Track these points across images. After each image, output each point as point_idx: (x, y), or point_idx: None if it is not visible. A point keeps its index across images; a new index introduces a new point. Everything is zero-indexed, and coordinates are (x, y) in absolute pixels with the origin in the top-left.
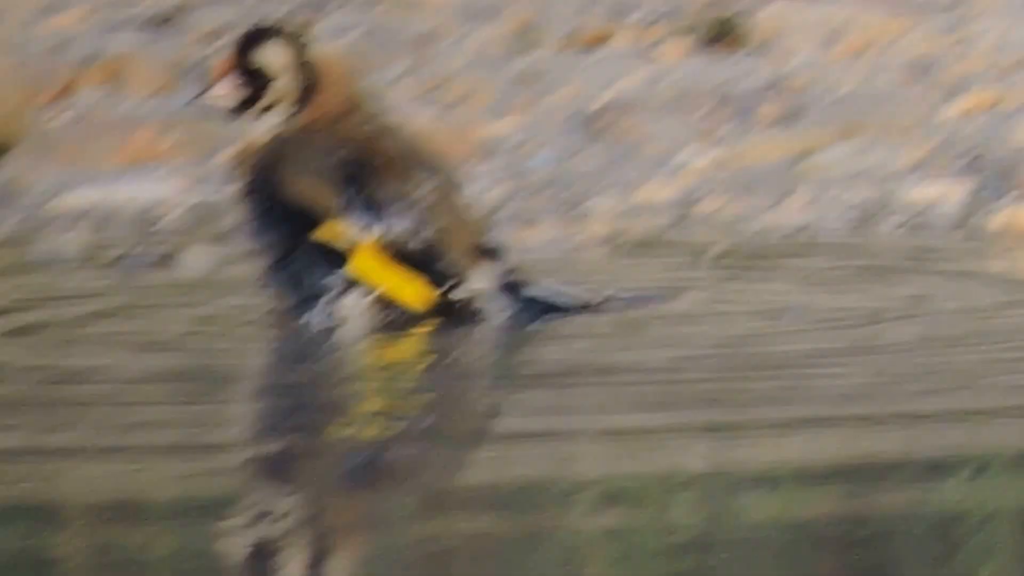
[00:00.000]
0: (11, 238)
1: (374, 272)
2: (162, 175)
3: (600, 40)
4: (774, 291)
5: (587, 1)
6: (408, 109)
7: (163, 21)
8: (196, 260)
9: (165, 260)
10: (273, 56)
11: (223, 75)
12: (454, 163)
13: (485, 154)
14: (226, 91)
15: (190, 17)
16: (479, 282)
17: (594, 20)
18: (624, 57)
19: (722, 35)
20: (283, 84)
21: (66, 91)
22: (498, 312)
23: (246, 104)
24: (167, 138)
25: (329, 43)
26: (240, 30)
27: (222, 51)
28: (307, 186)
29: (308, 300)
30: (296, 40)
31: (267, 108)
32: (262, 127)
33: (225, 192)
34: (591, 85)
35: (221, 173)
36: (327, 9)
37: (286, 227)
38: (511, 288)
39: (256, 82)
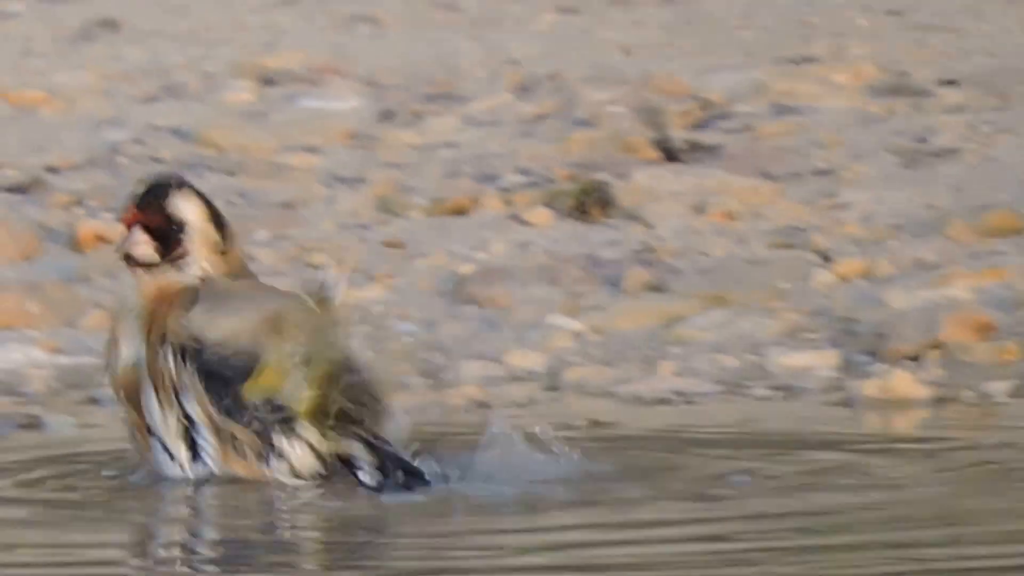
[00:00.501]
0: None
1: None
2: (26, 340)
3: (467, 207)
4: None
5: (453, 167)
6: (274, 275)
7: (26, 187)
8: (63, 424)
9: (30, 425)
10: (187, 204)
11: (132, 225)
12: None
13: (351, 321)
14: (141, 241)
15: (54, 183)
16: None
17: (460, 186)
18: (491, 223)
19: (590, 202)
20: (198, 234)
21: None
22: (369, 475)
23: (164, 253)
24: (31, 303)
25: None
26: (109, 195)
27: (90, 215)
28: (251, 334)
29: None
30: (202, 192)
31: (182, 257)
32: (180, 274)
33: (91, 356)
34: (458, 251)
35: (87, 337)
36: (190, 174)
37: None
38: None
39: (170, 232)
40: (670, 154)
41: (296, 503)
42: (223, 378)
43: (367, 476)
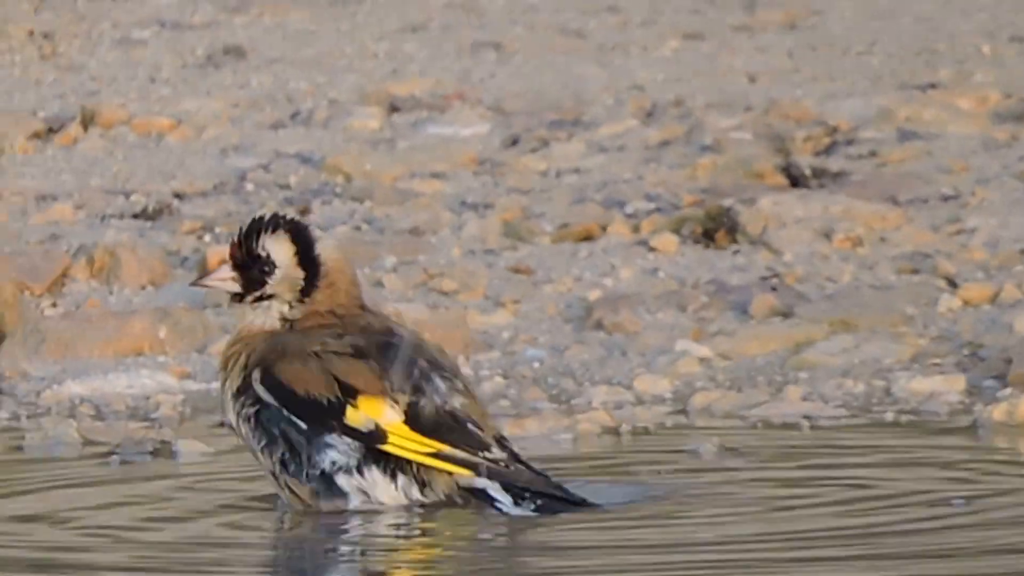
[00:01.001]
0: (5, 428)
1: (414, 446)
2: (156, 366)
3: (594, 232)
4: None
5: (579, 193)
6: (402, 301)
7: (155, 213)
8: (191, 450)
9: (160, 451)
10: (276, 246)
11: (223, 262)
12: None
13: (479, 346)
14: (225, 276)
15: (181, 209)
16: (499, 453)
17: (587, 212)
18: (618, 249)
19: (717, 228)
20: (283, 275)
21: (59, 282)
22: (501, 497)
23: (247, 292)
24: (160, 329)
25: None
26: (237, 221)
27: (218, 241)
28: (336, 374)
29: (325, 482)
30: (301, 232)
31: (267, 297)
32: (261, 316)
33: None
34: (585, 277)
35: (216, 363)
36: (319, 201)
37: (306, 413)
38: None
39: (255, 270)
40: (796, 180)
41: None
42: (276, 434)
43: (502, 504)
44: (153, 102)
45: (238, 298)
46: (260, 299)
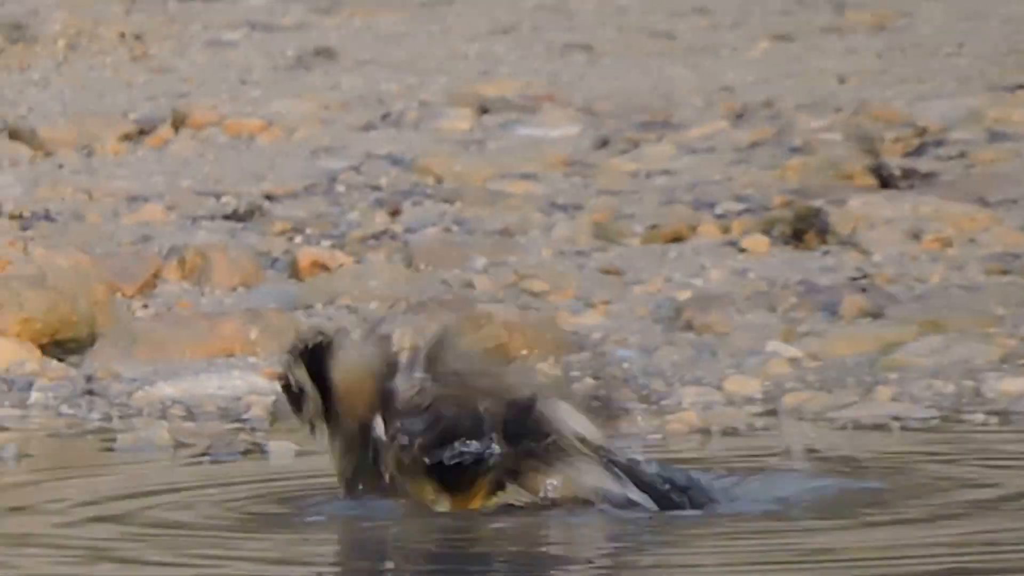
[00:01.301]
0: (97, 429)
1: None
2: (247, 367)
3: (684, 233)
4: None
5: (669, 194)
6: (492, 303)
7: (245, 215)
8: (283, 451)
9: (252, 451)
10: (299, 372)
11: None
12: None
13: (569, 347)
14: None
15: (272, 211)
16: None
17: (677, 213)
18: (708, 250)
19: (807, 228)
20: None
21: (150, 283)
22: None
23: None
24: (251, 330)
25: (414, 237)
26: (327, 222)
27: (309, 243)
28: None
29: None
30: (317, 354)
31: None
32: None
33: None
34: (675, 278)
35: None
36: (410, 203)
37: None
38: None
39: (292, 397)
40: (885, 181)
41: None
42: None
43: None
44: (244, 104)
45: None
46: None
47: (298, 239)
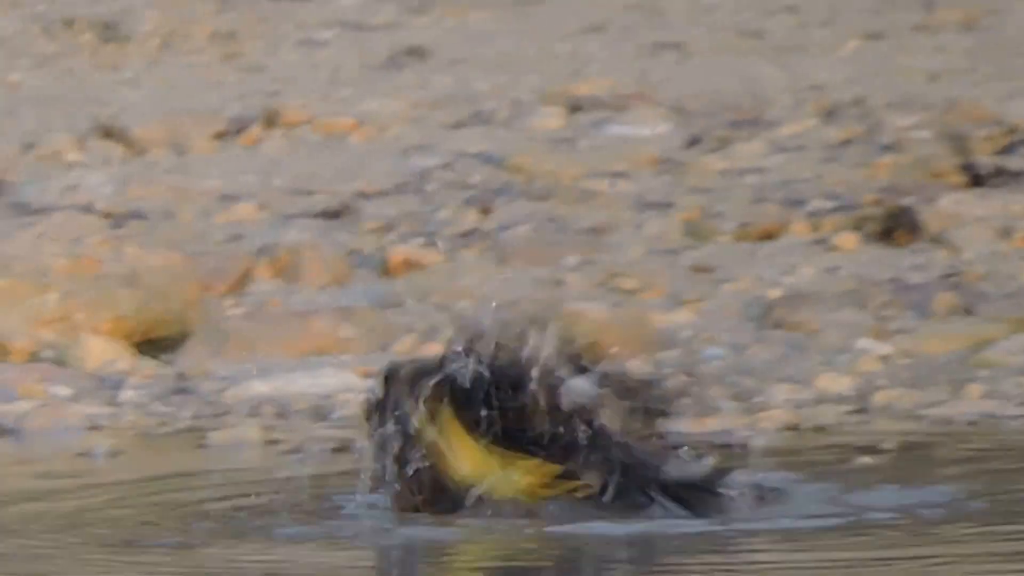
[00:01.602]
0: (189, 428)
1: None
2: (338, 365)
3: (774, 231)
4: None
5: (759, 192)
6: (583, 300)
7: (337, 213)
8: None
9: (342, 450)
10: None
11: None
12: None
13: (660, 345)
14: None
15: (363, 209)
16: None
17: (767, 211)
18: (798, 248)
19: (897, 226)
20: None
21: (242, 281)
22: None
23: None
24: (342, 328)
25: (505, 235)
26: (418, 220)
27: (401, 241)
28: None
29: None
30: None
31: None
32: None
33: None
34: (766, 276)
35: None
36: (501, 201)
37: None
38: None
39: None
40: (976, 179)
41: None
42: None
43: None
44: (335, 102)
45: None
46: None
47: (390, 237)
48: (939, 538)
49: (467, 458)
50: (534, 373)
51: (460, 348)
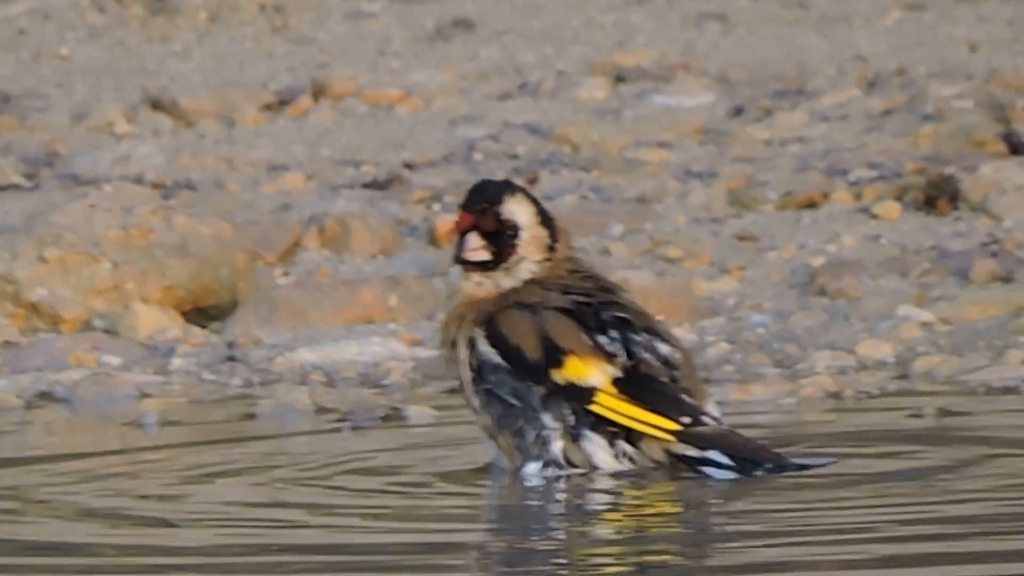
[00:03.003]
0: (239, 395)
1: (619, 408)
2: (386, 333)
3: (817, 200)
4: None
5: (803, 162)
6: (629, 269)
7: (384, 183)
8: (422, 416)
9: (392, 416)
10: (520, 209)
11: (466, 231)
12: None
13: (704, 313)
14: (478, 247)
15: (411, 179)
16: (715, 412)
17: (810, 180)
18: (841, 217)
19: (939, 195)
20: (530, 236)
21: (290, 251)
22: (715, 461)
23: (499, 259)
24: (390, 297)
25: (551, 205)
26: (464, 190)
27: (447, 211)
28: (545, 330)
29: (531, 454)
30: (531, 194)
31: (515, 261)
32: (507, 280)
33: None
34: (809, 244)
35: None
36: (547, 171)
37: (522, 372)
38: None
39: (504, 236)
40: (1016, 148)
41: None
42: (495, 391)
43: (713, 470)
44: (383, 74)
45: (490, 266)
46: (509, 263)
47: (437, 207)
48: None
49: None
50: None
51: None
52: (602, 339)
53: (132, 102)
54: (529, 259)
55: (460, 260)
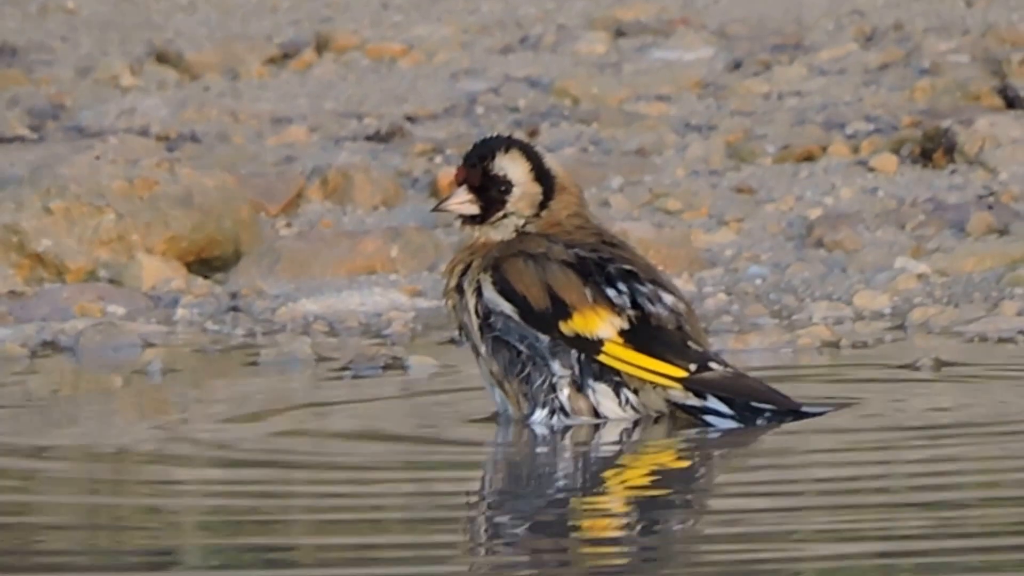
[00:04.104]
0: (241, 345)
1: (626, 358)
2: (387, 284)
3: (814, 153)
4: None
5: (800, 115)
6: (628, 221)
7: (387, 136)
8: (422, 365)
9: (393, 366)
10: (512, 165)
11: (460, 184)
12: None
13: (703, 264)
14: (464, 200)
15: (413, 132)
16: (717, 367)
17: (808, 133)
18: (838, 170)
19: (935, 148)
20: (522, 192)
21: (293, 203)
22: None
23: (487, 213)
24: (392, 248)
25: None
26: (467, 143)
27: (449, 163)
28: (548, 282)
29: (538, 400)
30: (530, 149)
31: (504, 216)
32: (499, 233)
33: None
34: (806, 197)
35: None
36: (547, 124)
37: (528, 320)
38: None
39: (494, 190)
40: (1012, 102)
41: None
42: (502, 339)
43: (715, 419)
44: (385, 28)
45: (477, 220)
46: (496, 218)
47: (438, 159)
48: None
49: None
50: None
51: None
52: (610, 292)
53: (137, 55)
54: (518, 215)
55: (437, 209)
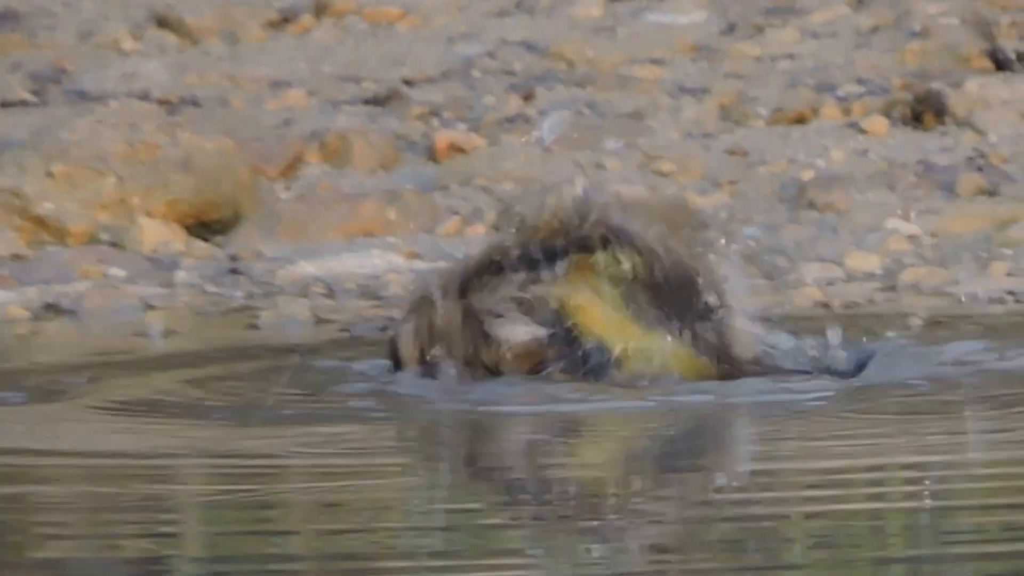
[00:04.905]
0: (241, 307)
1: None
2: (385, 246)
3: (806, 116)
4: None
5: (793, 78)
6: (623, 183)
7: (384, 100)
8: None
9: (390, 327)
10: None
11: None
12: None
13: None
14: None
15: (410, 96)
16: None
17: (800, 96)
18: (830, 132)
19: (925, 110)
20: None
21: (292, 166)
22: None
23: None
24: (389, 211)
25: (545, 119)
26: (464, 106)
27: (445, 126)
28: None
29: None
30: None
31: None
32: None
33: (448, 262)
34: (798, 159)
35: (443, 244)
36: (543, 87)
37: None
38: None
39: None
40: (1002, 64)
41: None
42: None
43: None
44: None
45: None
46: None
47: (435, 122)
48: None
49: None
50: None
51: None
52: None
53: (138, 20)
54: None
55: None
